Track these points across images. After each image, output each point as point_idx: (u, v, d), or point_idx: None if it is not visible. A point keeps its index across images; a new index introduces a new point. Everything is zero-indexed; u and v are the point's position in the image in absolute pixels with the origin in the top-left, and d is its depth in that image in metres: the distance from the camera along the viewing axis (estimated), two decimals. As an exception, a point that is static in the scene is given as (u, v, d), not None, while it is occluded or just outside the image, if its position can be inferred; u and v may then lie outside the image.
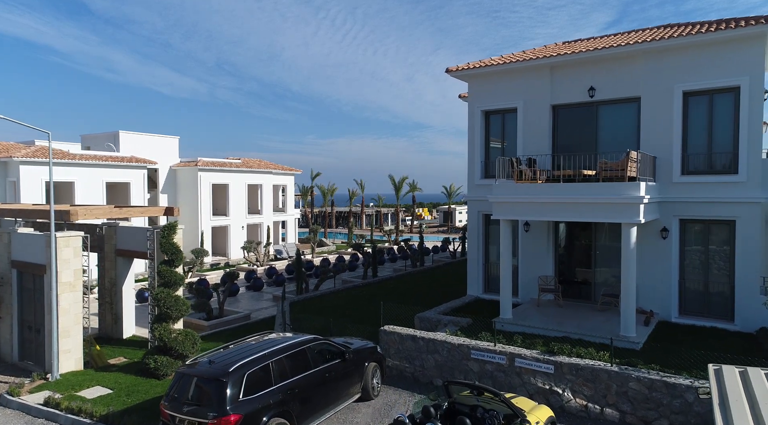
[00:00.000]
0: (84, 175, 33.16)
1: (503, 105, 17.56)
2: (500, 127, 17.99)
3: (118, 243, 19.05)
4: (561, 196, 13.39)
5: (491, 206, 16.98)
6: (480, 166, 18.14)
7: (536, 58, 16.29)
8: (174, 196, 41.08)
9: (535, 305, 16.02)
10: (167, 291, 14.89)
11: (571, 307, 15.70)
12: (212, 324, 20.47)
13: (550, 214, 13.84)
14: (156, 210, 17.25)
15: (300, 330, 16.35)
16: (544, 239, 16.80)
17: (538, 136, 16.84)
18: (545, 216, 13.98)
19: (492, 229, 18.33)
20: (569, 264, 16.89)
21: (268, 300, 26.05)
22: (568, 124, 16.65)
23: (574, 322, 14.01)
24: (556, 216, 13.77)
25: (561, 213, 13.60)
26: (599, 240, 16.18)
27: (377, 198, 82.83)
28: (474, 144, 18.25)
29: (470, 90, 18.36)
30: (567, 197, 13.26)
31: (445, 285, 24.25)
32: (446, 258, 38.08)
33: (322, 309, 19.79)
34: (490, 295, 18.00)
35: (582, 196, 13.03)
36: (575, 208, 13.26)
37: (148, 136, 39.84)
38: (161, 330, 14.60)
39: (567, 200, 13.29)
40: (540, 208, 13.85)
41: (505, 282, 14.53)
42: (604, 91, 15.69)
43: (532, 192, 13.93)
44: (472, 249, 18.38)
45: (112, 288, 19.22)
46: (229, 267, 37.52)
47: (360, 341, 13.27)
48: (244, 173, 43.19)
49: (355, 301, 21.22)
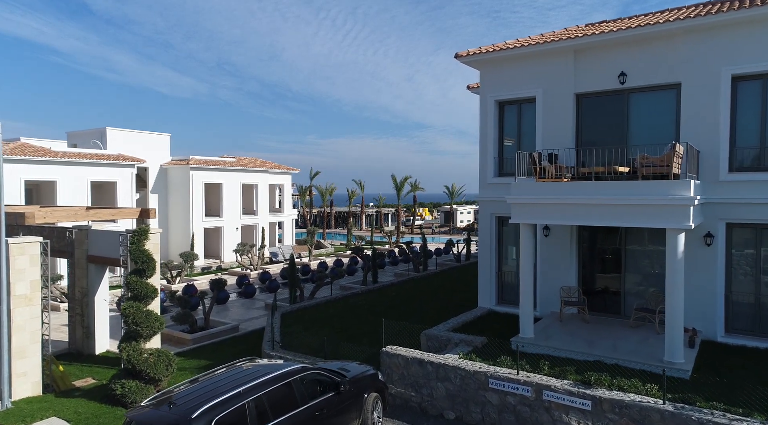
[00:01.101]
0: (67, 174, 31.24)
1: (520, 94, 15.64)
2: (516, 120, 16.06)
3: (90, 249, 17.14)
4: (592, 196, 11.46)
5: (506, 208, 15.05)
6: (493, 162, 16.21)
7: (558, 40, 14.38)
8: (165, 196, 39.21)
9: (558, 320, 14.10)
10: (137, 306, 12.99)
11: (599, 323, 13.78)
12: (196, 337, 18.56)
13: (578, 218, 11.91)
14: (130, 212, 15.38)
15: (291, 349, 14.44)
16: (566, 245, 14.89)
17: (559, 128, 14.92)
18: (573, 220, 12.04)
19: (506, 233, 16.41)
20: (595, 272, 14.97)
21: (259, 309, 24.15)
22: (594, 114, 14.73)
23: (607, 343, 12.09)
24: (585, 220, 11.84)
25: (592, 217, 11.67)
26: (630, 245, 14.26)
27: (378, 198, 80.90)
28: (486, 138, 16.33)
29: (482, 78, 16.44)
30: (600, 198, 11.34)
31: (451, 293, 22.32)
32: (450, 261, 36.13)
33: (317, 322, 17.87)
34: (504, 307, 16.08)
35: (619, 197, 11.10)
36: (610, 211, 11.34)
37: (138, 133, 37.94)
38: (130, 351, 12.69)
39: (600, 201, 11.37)
40: (566, 210, 11.93)
41: (526, 296, 12.61)
42: (637, 76, 13.77)
43: (557, 192, 12.01)
44: (484, 256, 16.45)
45: (83, 299, 17.30)
46: (221, 271, 35.60)
47: (358, 366, 11.34)
48: (238, 172, 41.30)
49: (353, 312, 19.30)
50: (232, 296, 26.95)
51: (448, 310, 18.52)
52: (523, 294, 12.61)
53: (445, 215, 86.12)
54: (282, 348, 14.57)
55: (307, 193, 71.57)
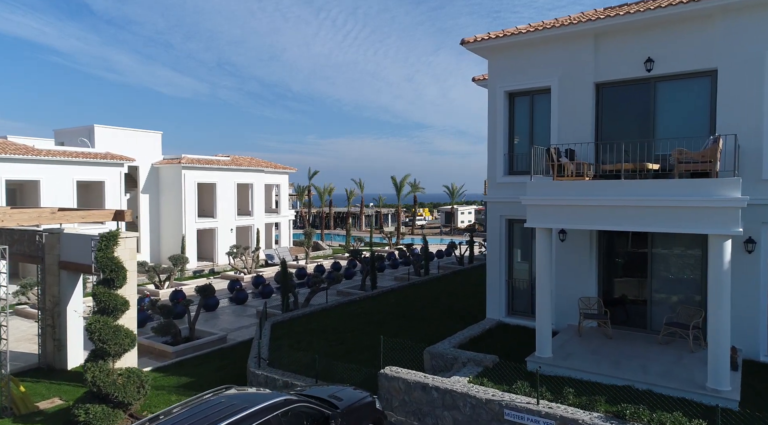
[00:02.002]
0: (51, 173, 29.80)
1: (533, 84, 14.17)
2: (528, 112, 14.59)
3: (63, 254, 15.70)
4: (622, 197, 9.99)
5: (517, 209, 13.61)
6: (503, 159, 14.74)
7: (577, 23, 12.91)
8: (157, 197, 37.78)
9: (576, 335, 12.64)
10: (104, 320, 11.52)
11: (623, 339, 12.31)
12: (179, 349, 17.10)
13: (604, 221, 10.43)
14: (102, 214, 13.95)
15: (280, 367, 12.97)
16: (584, 250, 13.42)
17: (577, 121, 13.46)
18: (597, 223, 10.55)
19: (517, 237, 14.94)
20: (617, 281, 13.50)
21: (251, 316, 22.69)
22: (616, 106, 13.26)
23: (636, 363, 10.61)
24: (612, 224, 10.36)
25: (620, 221, 10.20)
26: (656, 248, 12.78)
27: (377, 198, 79.43)
28: (495, 133, 14.86)
29: (491, 67, 14.97)
30: (630, 199, 9.87)
31: (456, 300, 20.85)
32: (453, 264, 34.65)
33: (310, 333, 16.39)
34: (515, 319, 14.61)
35: (654, 198, 9.62)
36: (642, 214, 9.86)
37: (128, 131, 36.50)
38: (95, 371, 11.22)
39: (630, 203, 9.89)
40: (590, 212, 10.46)
41: (543, 311, 11.12)
42: (666, 62, 12.30)
43: (580, 192, 10.54)
44: (493, 264, 14.98)
45: (54, 309, 15.86)
46: (214, 275, 34.15)
47: (353, 391, 9.91)
48: (233, 171, 39.86)
49: (350, 321, 17.83)
50: (223, 302, 25.50)
51: (453, 320, 17.07)
52: (540, 309, 11.13)
53: (446, 215, 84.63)
54: (269, 365, 13.11)
55: (306, 193, 70.14)
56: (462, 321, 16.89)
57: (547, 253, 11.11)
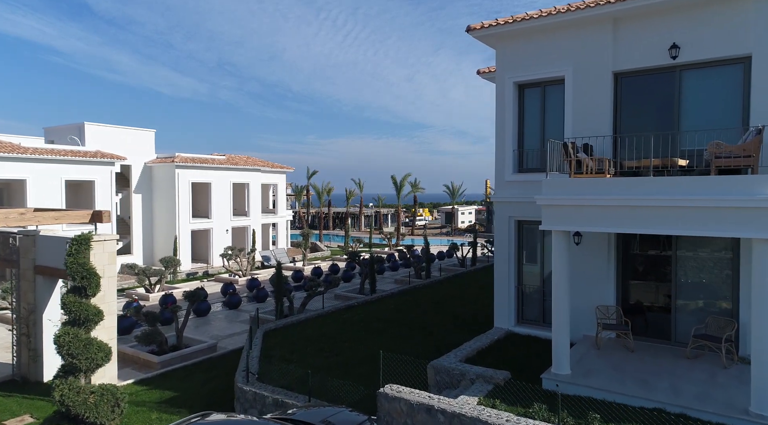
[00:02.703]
0: (38, 172, 28.70)
1: (544, 74, 13.09)
2: (539, 105, 13.50)
3: (38, 258, 14.62)
4: (652, 196, 8.90)
5: (528, 210, 12.59)
6: (513, 156, 13.65)
7: (594, 6, 11.83)
8: (149, 197, 36.66)
9: (594, 347, 11.55)
10: (74, 333, 10.43)
11: (646, 352, 11.22)
12: (165, 359, 16.01)
13: (630, 224, 9.33)
14: (78, 215, 12.88)
15: (270, 382, 11.87)
16: (601, 254, 12.33)
17: (593, 114, 12.37)
18: (624, 226, 9.44)
19: (528, 240, 13.86)
20: (637, 288, 12.40)
21: (244, 322, 21.59)
22: (636, 97, 12.17)
23: (665, 383, 9.52)
24: (640, 227, 9.26)
25: (649, 223, 9.10)
26: (681, 251, 11.68)
27: (377, 198, 78.31)
28: (504, 128, 13.77)
29: (499, 57, 13.88)
30: (663, 199, 8.78)
31: (460, 306, 19.76)
32: (454, 266, 33.62)
33: (305, 342, 15.30)
34: (526, 328, 13.51)
35: (690, 198, 8.53)
36: (676, 215, 8.78)
37: (119, 129, 35.37)
38: (64, 389, 10.13)
39: (662, 203, 8.81)
40: (614, 214, 9.38)
41: (561, 324, 10.02)
42: (693, 49, 11.21)
43: (602, 191, 9.45)
44: (501, 269, 13.89)
45: (29, 316, 14.77)
46: (208, 277, 33.05)
47: (348, 414, 8.83)
48: (228, 171, 38.74)
49: (347, 330, 16.73)
50: (216, 306, 24.42)
51: (458, 328, 15.99)
52: (557, 320, 10.03)
53: (446, 215, 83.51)
54: (259, 380, 12.01)
55: (304, 192, 69.06)
56: (467, 329, 15.82)
57: (564, 259, 10.01)
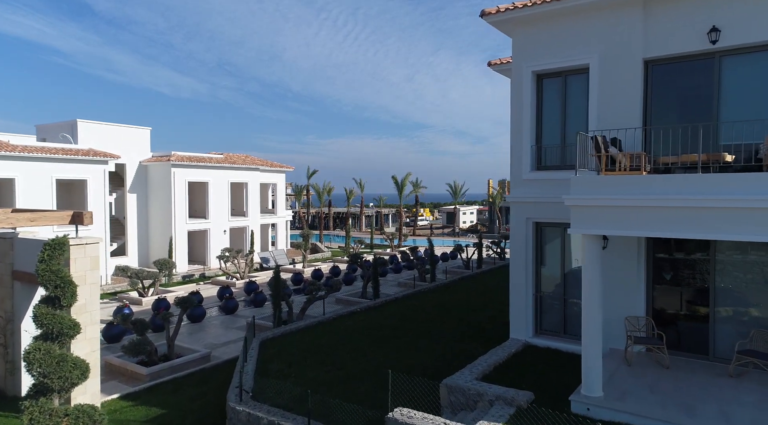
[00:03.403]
0: (28, 171, 27.58)
1: (566, 62, 11.98)
2: (560, 97, 12.40)
3: (16, 263, 13.52)
4: (704, 196, 7.80)
5: (547, 211, 11.55)
6: (531, 152, 12.54)
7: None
8: (144, 196, 35.57)
9: (623, 362, 10.44)
10: (47, 348, 9.32)
11: (682, 368, 10.11)
12: (154, 371, 14.89)
13: (675, 228, 8.20)
14: (57, 216, 11.80)
15: (266, 401, 10.74)
16: (630, 259, 11.22)
17: (621, 105, 11.27)
18: (668, 229, 8.30)
19: (547, 243, 12.75)
20: (669, 296, 11.28)
21: (240, 328, 20.48)
22: (669, 86, 11.07)
23: (713, 408, 8.41)
24: (688, 231, 8.14)
25: (697, 226, 7.99)
26: (721, 255, 10.58)
27: (378, 198, 77.19)
28: (521, 121, 12.66)
29: (516, 45, 12.77)
30: (717, 199, 7.67)
31: (468, 312, 18.63)
32: (459, 268, 32.48)
33: (305, 353, 14.19)
34: (544, 340, 12.40)
35: (747, 198, 7.42)
36: (731, 218, 7.68)
37: (113, 127, 34.26)
38: (35, 412, 9.01)
39: (715, 203, 7.71)
40: (656, 216, 8.27)
41: (592, 340, 8.91)
42: (736, 32, 10.12)
43: (643, 190, 8.34)
44: (518, 275, 12.78)
45: (6, 326, 13.65)
46: (205, 280, 31.95)
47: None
48: (226, 170, 37.63)
49: (349, 339, 15.62)
50: (212, 311, 23.31)
51: (469, 337, 14.87)
52: (588, 336, 8.91)
53: (448, 215, 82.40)
54: (253, 398, 10.90)
55: (304, 192, 67.97)
56: (479, 338, 14.72)
57: (596, 266, 8.89)
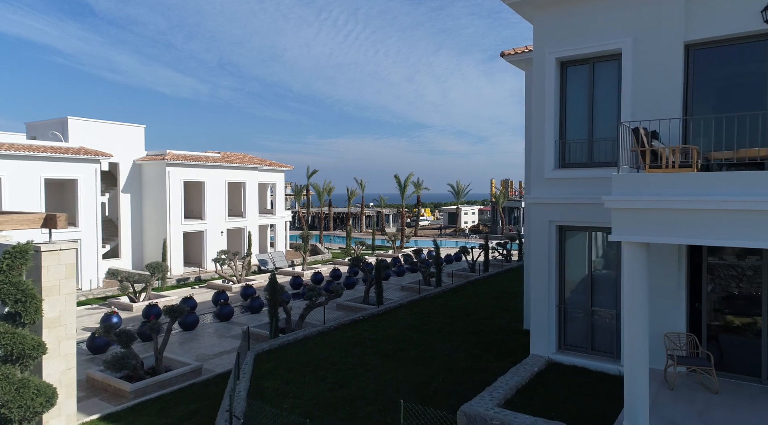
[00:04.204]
0: (15, 170, 26.35)
1: (595, 48, 10.74)
2: (586, 86, 11.15)
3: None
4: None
5: (574, 212, 10.28)
6: (553, 148, 11.30)
7: (664, -40, 9.50)
8: (139, 196, 34.34)
9: (664, 385, 9.20)
10: (5, 372, 8.08)
11: (733, 393, 8.88)
12: (139, 388, 13.66)
13: (742, 235, 6.92)
14: (27, 219, 10.55)
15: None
16: (670, 267, 9.98)
17: (659, 93, 10.04)
18: (732, 237, 6.98)
19: (572, 249, 11.51)
20: (714, 309, 10.04)
21: (235, 337, 19.26)
22: (714, 72, 9.84)
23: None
24: (756, 240, 6.88)
25: (760, 233, 6.75)
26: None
27: (378, 198, 75.91)
28: (543, 113, 11.43)
29: (538, 30, 11.54)
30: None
31: (480, 321, 17.39)
32: (464, 271, 31.26)
33: (303, 369, 12.95)
34: (570, 357, 11.16)
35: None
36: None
37: (106, 124, 33.05)
38: (-10, 447, 7.79)
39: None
40: (716, 221, 7.02)
41: (637, 363, 7.65)
42: (794, 10, 8.88)
43: (702, 190, 7.09)
44: (540, 284, 11.54)
45: (-25, 340, 12.35)
46: (201, 283, 30.72)
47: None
48: (223, 169, 36.42)
49: (352, 352, 14.38)
50: (206, 318, 22.07)
51: (484, 351, 13.64)
52: (631, 360, 7.66)
53: (449, 216, 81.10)
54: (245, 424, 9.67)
55: (304, 192, 66.72)
56: (494, 351, 13.50)
57: (641, 279, 7.64)
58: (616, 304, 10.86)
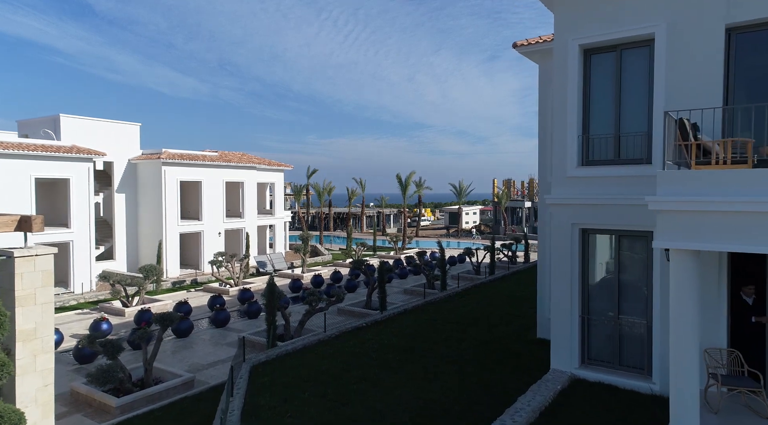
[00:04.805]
0: (4, 169, 25.37)
1: (624, 33, 9.77)
2: (612, 76, 10.17)
3: (-41, 276, 11.22)
4: None
5: (600, 214, 9.30)
6: (577, 144, 10.32)
7: (706, -68, 8.52)
8: (134, 196, 33.38)
9: (707, 408, 8.21)
10: (-37, 397, 7.10)
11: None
12: (125, 403, 12.64)
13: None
14: (1, 221, 9.61)
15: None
16: (710, 277, 9.00)
17: (696, 82, 9.07)
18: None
19: (597, 254, 10.52)
20: (756, 323, 9.06)
21: (232, 344, 18.24)
22: (759, 58, 8.85)
23: None
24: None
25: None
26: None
27: (379, 198, 74.95)
28: (564, 107, 10.44)
29: (559, 16, 10.56)
30: None
31: (490, 328, 16.39)
32: (469, 273, 30.27)
33: (302, 382, 11.97)
34: (595, 373, 10.17)
35: None
36: None
37: (100, 122, 32.09)
38: (-55, 483, 6.80)
39: None
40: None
41: (685, 384, 6.68)
42: None
43: (766, 188, 6.11)
44: (560, 291, 10.56)
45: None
46: (197, 286, 29.71)
47: None
48: (221, 168, 35.44)
49: (355, 364, 13.39)
50: (202, 324, 21.07)
51: (497, 363, 12.64)
52: (680, 382, 6.68)
53: (451, 216, 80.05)
54: (238, 450, 8.69)
55: (303, 192, 65.74)
56: (509, 363, 12.51)
57: (691, 292, 6.66)
58: (645, 314, 9.89)
